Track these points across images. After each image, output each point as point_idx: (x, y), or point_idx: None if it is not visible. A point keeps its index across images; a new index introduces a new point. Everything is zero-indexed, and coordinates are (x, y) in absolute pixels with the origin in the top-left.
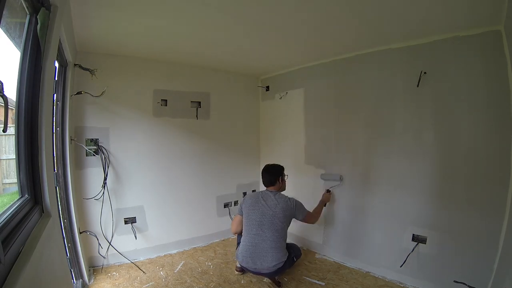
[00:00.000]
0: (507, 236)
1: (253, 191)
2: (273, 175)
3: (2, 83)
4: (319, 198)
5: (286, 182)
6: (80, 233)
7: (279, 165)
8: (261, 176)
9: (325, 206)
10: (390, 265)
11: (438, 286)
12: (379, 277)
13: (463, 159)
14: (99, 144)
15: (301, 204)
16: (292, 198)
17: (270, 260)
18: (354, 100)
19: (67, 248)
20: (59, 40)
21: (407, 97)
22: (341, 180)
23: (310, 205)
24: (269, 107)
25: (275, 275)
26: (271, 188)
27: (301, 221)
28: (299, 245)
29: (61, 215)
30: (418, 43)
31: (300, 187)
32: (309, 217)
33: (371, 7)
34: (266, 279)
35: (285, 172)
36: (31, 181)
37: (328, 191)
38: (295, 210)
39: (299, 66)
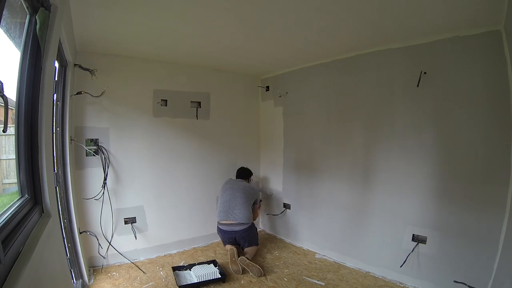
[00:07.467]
0: (507, 236)
1: None
2: (247, 174)
3: (2, 83)
4: (320, 197)
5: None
6: (80, 233)
7: (250, 170)
8: (237, 171)
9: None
10: (390, 265)
11: (438, 286)
12: (379, 277)
13: (463, 159)
14: (99, 144)
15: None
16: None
17: (239, 214)
18: (354, 100)
19: (67, 248)
20: (59, 40)
21: (407, 97)
22: (270, 194)
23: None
24: (269, 107)
25: (245, 238)
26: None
27: (253, 206)
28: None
29: (61, 215)
30: (418, 43)
31: (295, 188)
32: (256, 210)
33: (371, 7)
34: (267, 281)
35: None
36: (31, 181)
37: (260, 201)
38: (257, 193)
39: (299, 66)
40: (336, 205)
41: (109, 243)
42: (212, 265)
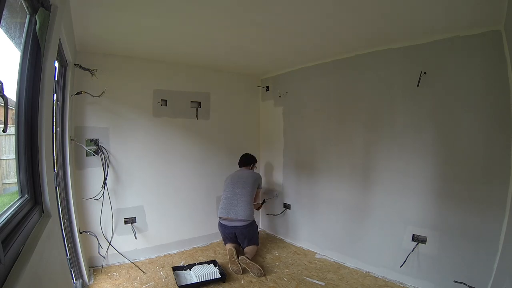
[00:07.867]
0: (507, 236)
1: None
2: (250, 161)
3: (2, 83)
4: (320, 197)
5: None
6: (80, 233)
7: (254, 157)
8: (240, 157)
9: (258, 209)
10: (390, 265)
11: (438, 286)
12: (379, 277)
13: (463, 159)
14: (99, 144)
15: (261, 178)
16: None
17: (240, 211)
18: (354, 100)
19: (67, 248)
20: (59, 40)
21: (407, 97)
22: (276, 196)
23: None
24: (269, 107)
25: (245, 234)
26: (245, 168)
27: (256, 191)
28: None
29: (61, 215)
30: (418, 43)
31: (295, 188)
32: (259, 194)
33: (371, 7)
34: (267, 281)
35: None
36: (31, 181)
37: (264, 201)
38: (259, 179)
39: (299, 66)
40: (336, 205)
41: (109, 243)
42: (212, 265)
